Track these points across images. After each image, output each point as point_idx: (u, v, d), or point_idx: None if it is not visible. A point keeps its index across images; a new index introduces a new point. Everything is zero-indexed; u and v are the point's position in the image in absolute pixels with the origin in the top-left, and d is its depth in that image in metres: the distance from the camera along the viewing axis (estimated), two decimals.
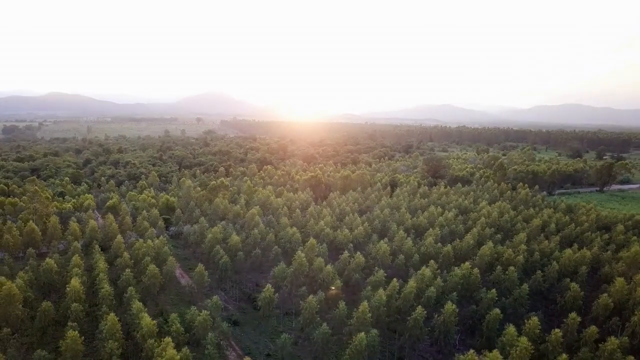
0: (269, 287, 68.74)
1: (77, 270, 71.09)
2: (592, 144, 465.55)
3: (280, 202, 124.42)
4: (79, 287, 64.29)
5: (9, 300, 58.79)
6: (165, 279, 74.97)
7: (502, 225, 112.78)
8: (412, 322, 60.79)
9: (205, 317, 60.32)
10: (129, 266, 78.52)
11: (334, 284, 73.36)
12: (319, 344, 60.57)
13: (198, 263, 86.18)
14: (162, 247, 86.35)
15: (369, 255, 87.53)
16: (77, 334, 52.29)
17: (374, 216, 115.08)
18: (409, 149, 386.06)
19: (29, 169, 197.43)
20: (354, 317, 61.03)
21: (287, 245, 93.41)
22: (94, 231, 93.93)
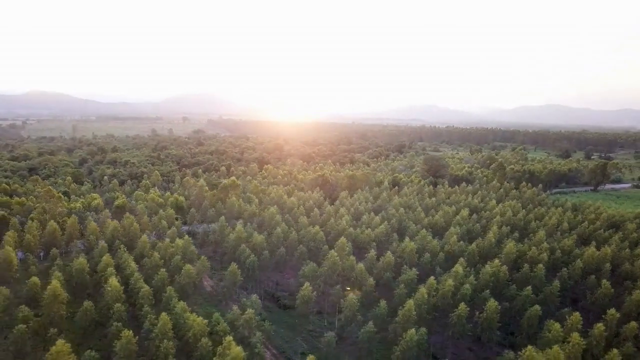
0: (307, 286, 68.88)
1: (111, 270, 70.41)
2: (579, 144, 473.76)
3: (294, 201, 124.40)
4: (119, 286, 63.77)
5: (54, 300, 58.07)
6: (198, 279, 74.72)
7: (515, 224, 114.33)
8: (456, 318, 61.56)
9: (251, 316, 60.33)
10: (158, 265, 78.11)
11: (367, 283, 73.78)
12: (365, 342, 61.01)
13: (215, 263, 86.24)
14: (188, 246, 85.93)
15: (394, 253, 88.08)
16: (132, 333, 51.89)
17: (389, 215, 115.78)
18: (402, 148, 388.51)
19: (26, 168, 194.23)
20: (399, 315, 61.49)
21: (310, 244, 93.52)
22: (115, 231, 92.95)
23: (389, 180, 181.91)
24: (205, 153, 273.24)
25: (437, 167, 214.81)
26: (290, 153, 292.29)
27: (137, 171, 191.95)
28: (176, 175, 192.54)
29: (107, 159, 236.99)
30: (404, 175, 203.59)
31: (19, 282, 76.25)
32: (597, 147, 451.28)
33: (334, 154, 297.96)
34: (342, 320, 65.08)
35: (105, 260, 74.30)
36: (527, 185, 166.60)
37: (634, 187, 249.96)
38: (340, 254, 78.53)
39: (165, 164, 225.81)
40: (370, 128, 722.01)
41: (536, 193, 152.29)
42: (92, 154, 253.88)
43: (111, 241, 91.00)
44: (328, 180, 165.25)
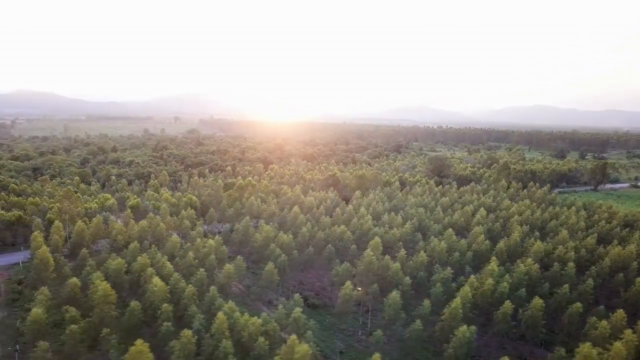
0: (348, 284, 69.22)
1: (151, 270, 70.19)
2: (573, 145, 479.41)
3: (312, 201, 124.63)
4: (165, 286, 63.63)
5: (105, 300, 57.81)
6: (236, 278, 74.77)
7: (533, 223, 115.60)
8: (501, 316, 62.32)
9: (300, 315, 60.52)
10: (193, 265, 78.03)
11: (403, 282, 74.27)
12: (412, 341, 61.54)
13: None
14: (219, 246, 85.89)
15: (423, 252, 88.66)
16: (191, 333, 51.84)
17: (409, 214, 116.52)
18: (400, 148, 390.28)
19: (30, 168, 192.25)
20: (445, 313, 62.07)
21: (338, 244, 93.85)
22: (143, 230, 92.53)
23: (395, 180, 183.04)
24: (207, 153, 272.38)
25: (441, 167, 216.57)
26: (292, 153, 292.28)
27: (143, 171, 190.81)
28: (183, 175, 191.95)
29: (110, 158, 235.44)
30: (409, 175, 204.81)
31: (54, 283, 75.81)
32: (591, 147, 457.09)
33: (334, 154, 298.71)
34: (386, 318, 65.45)
35: (142, 261, 73.93)
36: (535, 185, 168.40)
37: (632, 186, 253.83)
38: (374, 253, 78.92)
39: (169, 163, 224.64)
40: (364, 128, 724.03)
41: (546, 193, 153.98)
42: (94, 154, 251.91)
43: (140, 241, 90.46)
44: (338, 180, 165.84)
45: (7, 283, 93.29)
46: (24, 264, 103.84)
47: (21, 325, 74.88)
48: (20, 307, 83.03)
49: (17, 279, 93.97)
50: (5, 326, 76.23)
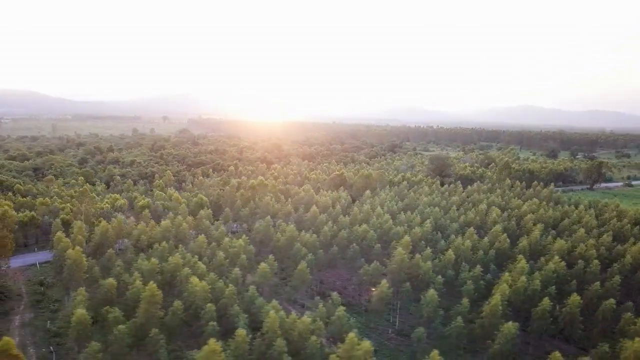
0: (384, 283, 69.83)
1: (187, 270, 70.07)
2: (563, 144, 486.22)
3: (327, 200, 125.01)
4: (206, 286, 63.62)
5: (152, 300, 57.63)
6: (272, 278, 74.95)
7: (546, 221, 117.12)
8: (540, 313, 63.41)
9: (343, 314, 60.96)
10: (224, 265, 78.13)
11: (435, 280, 75.05)
12: (453, 338, 62.39)
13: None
14: (246, 245, 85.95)
15: (451, 251, 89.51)
16: (245, 332, 51.96)
17: (424, 214, 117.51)
18: (394, 148, 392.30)
19: (31, 168, 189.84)
20: (485, 310, 62.95)
21: (362, 243, 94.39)
22: (167, 230, 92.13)
23: (399, 179, 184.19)
24: (206, 153, 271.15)
25: (442, 166, 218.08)
26: (290, 153, 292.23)
27: (146, 171, 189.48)
28: (187, 175, 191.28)
29: (109, 158, 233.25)
30: (411, 174, 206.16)
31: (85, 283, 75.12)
32: (581, 147, 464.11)
33: (332, 153, 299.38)
34: (425, 316, 66.16)
35: (174, 260, 73.70)
36: (540, 184, 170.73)
37: (625, 185, 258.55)
38: (405, 251, 79.59)
39: (170, 164, 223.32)
40: (356, 128, 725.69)
41: (552, 191, 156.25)
42: (91, 154, 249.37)
43: (164, 240, 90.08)
44: (345, 180, 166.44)
45: (28, 284, 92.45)
46: (41, 265, 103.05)
47: (52, 326, 74.46)
48: (46, 308, 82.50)
49: (38, 280, 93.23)
50: (35, 328, 75.62)
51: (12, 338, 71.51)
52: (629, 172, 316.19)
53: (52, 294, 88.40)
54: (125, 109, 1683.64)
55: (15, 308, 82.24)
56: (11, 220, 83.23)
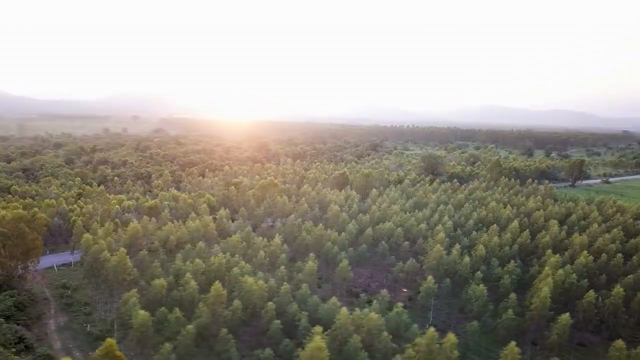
0: (430, 279, 71.29)
1: (236, 269, 69.98)
2: (537, 143, 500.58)
3: (340, 199, 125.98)
4: (263, 284, 63.78)
5: (217, 300, 57.49)
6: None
7: (553, 217, 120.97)
8: (586, 305, 66.04)
9: (402, 310, 62.11)
10: (264, 263, 78.29)
11: (474, 276, 77.03)
12: (504, 330, 64.32)
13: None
14: (281, 245, 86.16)
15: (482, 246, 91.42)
16: (321, 329, 52.40)
17: (438, 211, 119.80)
18: (376, 147, 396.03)
19: (20, 169, 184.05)
20: (535, 303, 65.12)
21: (390, 241, 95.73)
22: (196, 231, 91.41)
23: (396, 178, 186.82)
24: (194, 152, 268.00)
25: (434, 165, 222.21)
26: (278, 152, 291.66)
27: (141, 171, 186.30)
28: (183, 175, 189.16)
29: (96, 158, 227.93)
30: (404, 173, 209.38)
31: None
32: (555, 145, 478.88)
33: (321, 152, 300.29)
34: (475, 310, 67.94)
35: (218, 260, 73.45)
36: (534, 182, 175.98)
37: (603, 182, 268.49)
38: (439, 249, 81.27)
39: (163, 164, 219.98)
40: (330, 127, 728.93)
41: (551, 188, 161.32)
42: (77, 154, 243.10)
43: (193, 241, 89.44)
44: (348, 178, 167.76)
45: (50, 288, 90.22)
46: (58, 267, 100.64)
47: (93, 329, 73.11)
48: (78, 312, 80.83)
49: (61, 284, 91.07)
50: (73, 331, 74.08)
51: (53, 342, 70.43)
52: (604, 169, 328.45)
53: (80, 297, 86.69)
54: (91, 108, 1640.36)
55: (46, 312, 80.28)
56: (40, 222, 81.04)
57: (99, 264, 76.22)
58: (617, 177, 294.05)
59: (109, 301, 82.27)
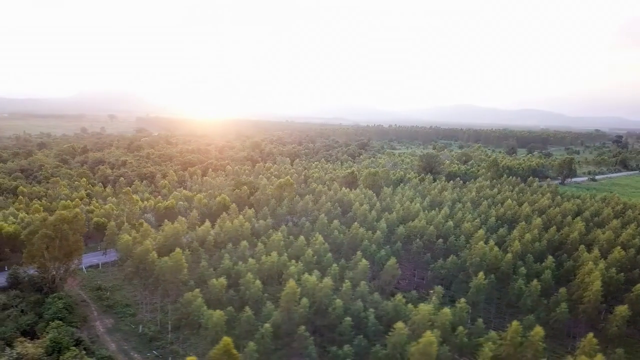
0: (481, 275, 73.03)
1: (294, 268, 70.49)
2: (518, 142, 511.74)
3: (362, 198, 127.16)
4: (329, 282, 64.52)
5: (292, 298, 57.98)
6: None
7: (567, 213, 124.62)
8: (635, 297, 68.77)
9: (465, 306, 63.58)
10: (312, 262, 78.93)
11: (519, 271, 79.22)
12: (558, 323, 66.59)
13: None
14: (323, 244, 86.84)
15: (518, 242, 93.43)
16: (403, 325, 53.51)
17: (457, 209, 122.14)
18: (364, 146, 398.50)
19: (18, 170, 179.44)
20: (589, 296, 67.55)
21: (424, 239, 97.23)
22: (234, 231, 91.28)
23: (397, 177, 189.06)
24: (189, 152, 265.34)
25: (433, 163, 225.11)
26: (272, 152, 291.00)
27: (144, 172, 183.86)
28: (186, 175, 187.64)
29: (92, 159, 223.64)
30: (403, 171, 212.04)
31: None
32: (536, 144, 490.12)
33: (316, 152, 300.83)
34: (528, 304, 69.99)
35: (271, 259, 73.82)
36: (536, 180, 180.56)
37: (590, 180, 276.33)
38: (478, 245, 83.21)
39: (161, 164, 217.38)
40: (309, 127, 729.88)
41: (557, 186, 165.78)
42: (71, 154, 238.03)
43: (232, 240, 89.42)
44: (356, 177, 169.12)
45: (85, 290, 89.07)
46: (87, 269, 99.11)
47: (146, 330, 72.63)
48: (121, 313, 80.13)
49: (96, 285, 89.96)
50: (124, 333, 73.56)
51: (107, 344, 69.82)
52: (587, 167, 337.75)
53: (119, 298, 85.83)
54: (62, 106, 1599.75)
55: (89, 314, 79.31)
56: (81, 223, 79.84)
57: (147, 265, 75.72)
58: (602, 175, 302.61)
59: (152, 302, 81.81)
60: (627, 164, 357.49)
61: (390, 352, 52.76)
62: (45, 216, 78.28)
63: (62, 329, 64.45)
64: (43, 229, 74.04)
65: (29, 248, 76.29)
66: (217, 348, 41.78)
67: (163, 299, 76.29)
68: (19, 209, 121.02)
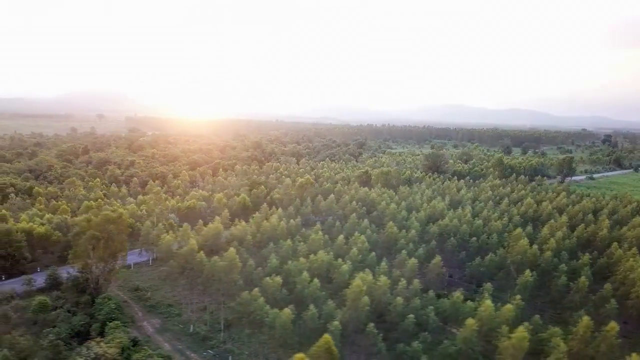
0: (528, 273, 74.39)
1: (345, 267, 71.16)
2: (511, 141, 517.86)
3: (385, 197, 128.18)
4: (387, 281, 65.31)
5: (358, 297, 58.66)
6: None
7: (586, 211, 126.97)
8: None
9: (520, 303, 64.83)
10: (357, 261, 79.73)
11: (559, 268, 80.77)
12: (608, 319, 68.13)
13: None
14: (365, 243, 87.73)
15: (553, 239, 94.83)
16: (473, 322, 54.49)
17: (479, 208, 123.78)
18: (362, 146, 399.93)
19: (27, 170, 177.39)
20: (633, 293, 69.27)
21: (457, 237, 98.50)
22: (273, 230, 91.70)
23: (406, 176, 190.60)
24: (192, 152, 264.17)
25: (439, 162, 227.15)
26: (274, 151, 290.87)
27: (156, 172, 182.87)
28: (197, 175, 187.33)
29: (96, 159, 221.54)
30: (410, 170, 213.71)
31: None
32: (530, 143, 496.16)
33: (315, 152, 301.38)
34: (576, 301, 71.48)
35: (322, 257, 74.43)
36: (544, 179, 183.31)
37: (588, 179, 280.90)
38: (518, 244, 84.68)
39: (168, 164, 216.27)
40: (303, 127, 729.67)
41: (568, 185, 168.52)
42: (74, 154, 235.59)
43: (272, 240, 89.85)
44: (370, 177, 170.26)
45: (123, 290, 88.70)
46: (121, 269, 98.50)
47: (198, 329, 72.76)
48: (166, 312, 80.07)
49: (134, 285, 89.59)
50: (174, 333, 73.57)
51: (159, 344, 69.88)
52: (583, 166, 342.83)
53: (159, 298, 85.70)
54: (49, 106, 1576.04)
55: (133, 315, 79.15)
56: (125, 223, 79.68)
57: (194, 264, 75.88)
58: (598, 174, 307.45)
59: (194, 302, 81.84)
60: (620, 162, 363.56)
61: (462, 348, 53.73)
62: (89, 217, 77.96)
63: (121, 329, 64.49)
64: (90, 230, 73.72)
65: (75, 249, 76.05)
66: (317, 345, 42.34)
67: (213, 299, 76.49)
68: (41, 209, 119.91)
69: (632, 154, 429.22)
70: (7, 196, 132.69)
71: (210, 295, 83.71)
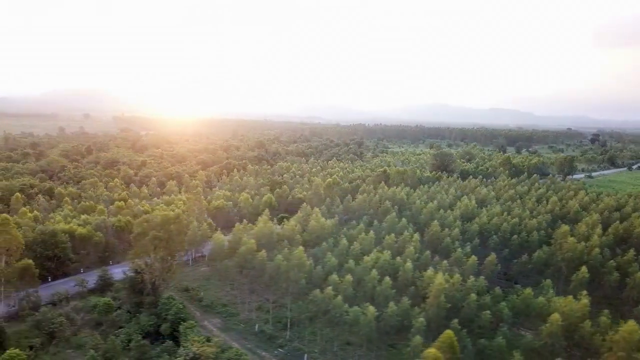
0: (584, 269, 76.22)
1: (409, 265, 72.15)
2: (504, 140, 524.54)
3: (416, 197, 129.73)
4: (457, 279, 66.49)
5: (438, 294, 59.78)
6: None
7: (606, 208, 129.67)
8: None
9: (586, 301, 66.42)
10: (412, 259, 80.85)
11: (607, 265, 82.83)
12: None
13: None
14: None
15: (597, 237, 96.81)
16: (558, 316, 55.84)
17: (506, 207, 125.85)
18: (361, 145, 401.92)
19: (39, 171, 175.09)
20: None
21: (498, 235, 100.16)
22: (320, 229, 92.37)
23: (418, 175, 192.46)
24: (198, 152, 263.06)
25: (446, 162, 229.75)
26: (278, 151, 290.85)
27: (171, 172, 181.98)
28: (211, 175, 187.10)
29: (104, 159, 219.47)
30: (419, 169, 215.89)
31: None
32: (523, 142, 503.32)
33: (318, 151, 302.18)
34: (634, 296, 73.50)
35: (382, 257, 75.40)
36: (554, 177, 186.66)
37: (587, 177, 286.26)
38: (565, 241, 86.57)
39: (178, 164, 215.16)
40: (295, 126, 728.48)
41: (580, 183, 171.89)
42: (79, 154, 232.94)
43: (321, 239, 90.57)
44: (389, 176, 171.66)
45: (175, 291, 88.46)
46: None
47: (265, 328, 73.24)
48: (223, 312, 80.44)
49: (183, 286, 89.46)
50: (238, 332, 74.15)
51: (229, 343, 70.03)
52: (579, 165, 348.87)
53: (211, 298, 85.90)
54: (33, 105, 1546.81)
55: (193, 315, 79.23)
56: (183, 223, 79.83)
57: (255, 263, 76.19)
58: (595, 172, 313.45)
59: (246, 300, 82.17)
60: (614, 161, 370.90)
61: (547, 342, 55.08)
62: (147, 217, 77.86)
63: (195, 329, 64.75)
64: (153, 231, 73.60)
65: (136, 249, 75.85)
66: (440, 340, 43.22)
67: (265, 298, 77.12)
68: (71, 210, 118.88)
69: (622, 152, 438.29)
70: (31, 197, 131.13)
71: (261, 294, 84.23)
